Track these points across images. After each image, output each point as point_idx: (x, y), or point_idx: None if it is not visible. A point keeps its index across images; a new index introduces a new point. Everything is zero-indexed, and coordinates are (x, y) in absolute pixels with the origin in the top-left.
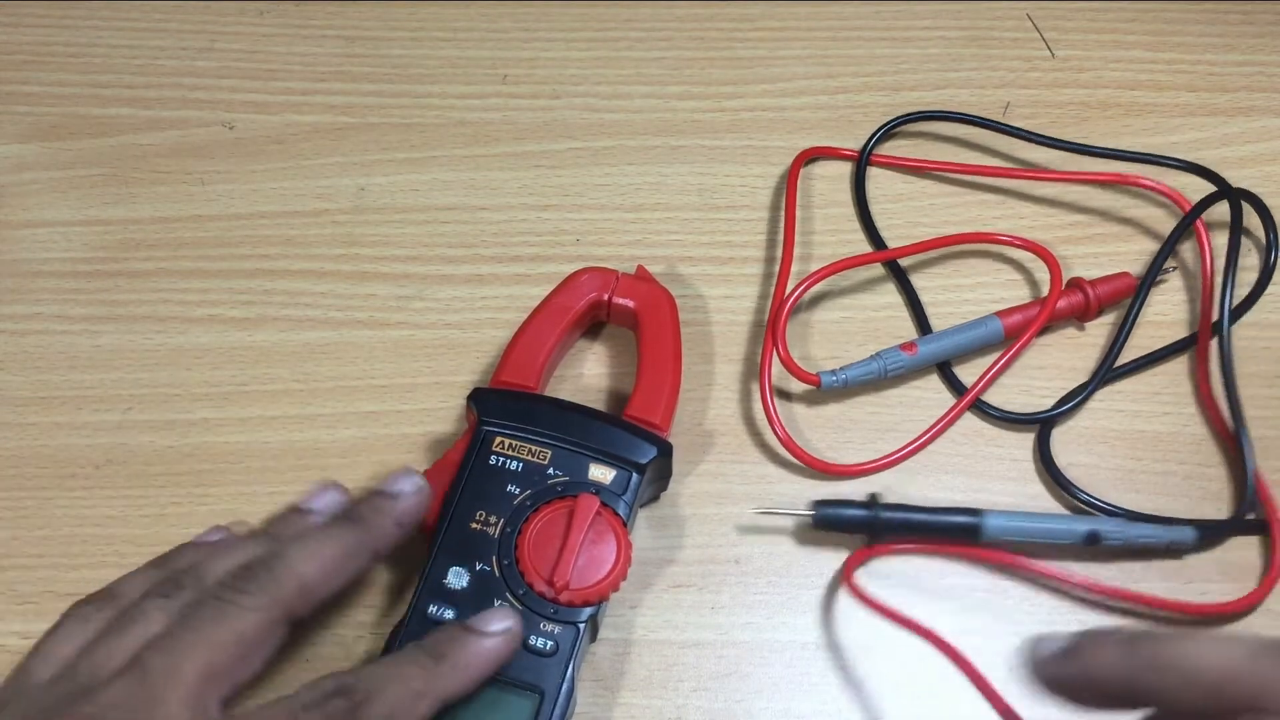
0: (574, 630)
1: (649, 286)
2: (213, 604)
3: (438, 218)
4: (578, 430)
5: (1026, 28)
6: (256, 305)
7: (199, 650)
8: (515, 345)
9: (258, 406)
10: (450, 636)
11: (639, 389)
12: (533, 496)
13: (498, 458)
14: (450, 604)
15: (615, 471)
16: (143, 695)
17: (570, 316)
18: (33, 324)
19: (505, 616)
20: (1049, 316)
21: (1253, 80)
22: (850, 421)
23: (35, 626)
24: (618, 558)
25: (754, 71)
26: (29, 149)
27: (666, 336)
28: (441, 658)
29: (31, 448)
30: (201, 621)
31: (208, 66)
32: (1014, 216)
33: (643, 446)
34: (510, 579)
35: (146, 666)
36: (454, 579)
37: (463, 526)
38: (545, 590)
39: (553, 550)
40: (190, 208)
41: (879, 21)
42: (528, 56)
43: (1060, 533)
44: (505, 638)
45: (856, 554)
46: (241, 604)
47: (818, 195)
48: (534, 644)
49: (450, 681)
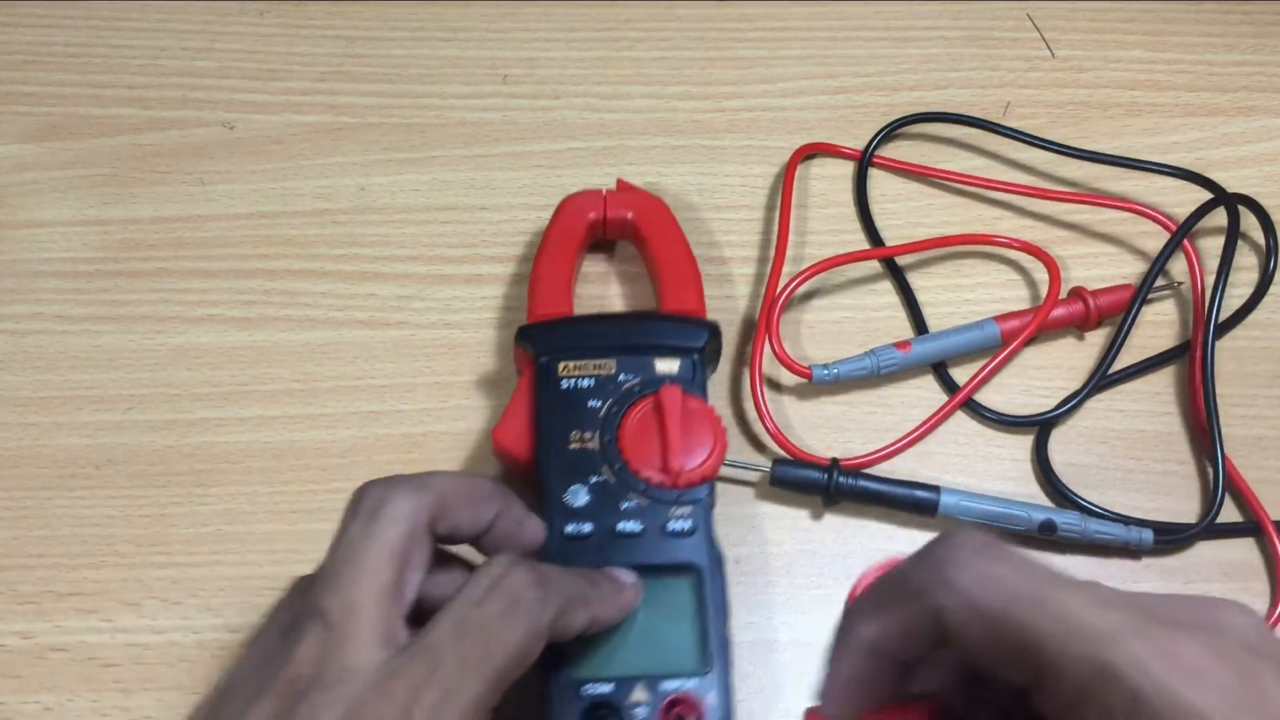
0: (701, 507)
1: (638, 195)
2: (358, 523)
3: (438, 218)
4: (631, 334)
5: (1026, 28)
6: (256, 305)
7: (364, 577)
8: (538, 281)
9: (258, 406)
10: (597, 573)
11: (666, 286)
12: (616, 403)
13: (568, 381)
14: (582, 519)
15: (679, 360)
16: (331, 640)
17: (576, 241)
18: (33, 324)
19: (629, 573)
20: (1044, 321)
21: (1253, 80)
22: (846, 420)
23: (35, 626)
24: (715, 432)
25: (754, 71)
26: (29, 149)
27: (672, 233)
28: (595, 583)
29: (31, 448)
30: (353, 547)
31: (208, 66)
32: (1013, 217)
33: (694, 331)
34: (627, 481)
35: (323, 609)
36: (574, 498)
37: (562, 450)
38: (664, 480)
39: (655, 444)
40: (190, 208)
41: (879, 21)
42: (528, 56)
43: (1015, 518)
44: (636, 590)
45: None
46: (384, 515)
47: (817, 195)
48: (673, 528)
49: (600, 606)
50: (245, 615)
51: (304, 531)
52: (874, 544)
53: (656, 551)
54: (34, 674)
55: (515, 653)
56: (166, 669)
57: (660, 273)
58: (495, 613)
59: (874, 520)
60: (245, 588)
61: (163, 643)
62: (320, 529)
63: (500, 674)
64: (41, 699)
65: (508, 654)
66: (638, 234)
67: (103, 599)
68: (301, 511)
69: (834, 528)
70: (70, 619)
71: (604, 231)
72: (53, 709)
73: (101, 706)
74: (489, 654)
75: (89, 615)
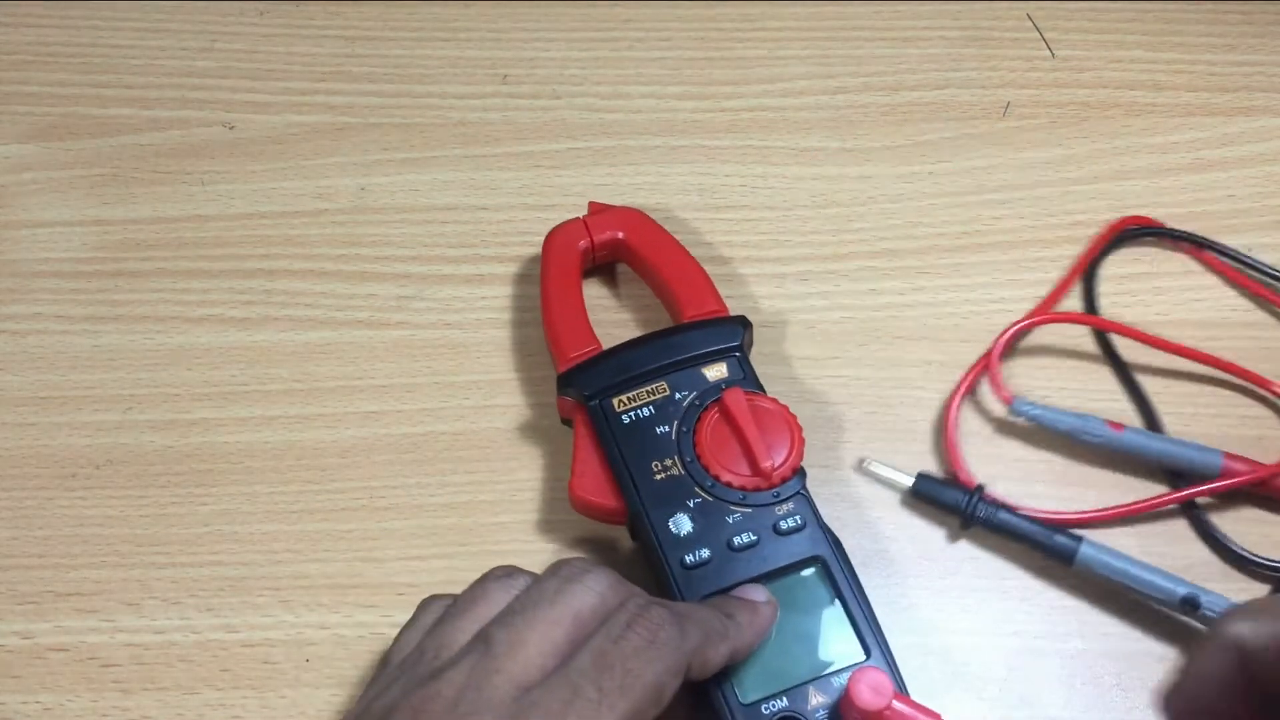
0: (802, 498)
1: (616, 212)
2: (556, 581)
3: (438, 218)
4: (670, 351)
5: (1026, 28)
6: (256, 305)
7: (540, 624)
8: (556, 326)
9: (258, 406)
10: (732, 602)
11: (679, 293)
12: (684, 422)
13: (628, 415)
14: (696, 546)
15: (725, 362)
16: (486, 666)
17: (575, 274)
18: (33, 324)
19: (761, 590)
20: (1271, 478)
21: (1253, 80)
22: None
23: (36, 626)
24: (788, 420)
25: (754, 71)
26: (29, 149)
27: (663, 241)
28: (731, 616)
29: (31, 448)
30: (543, 595)
31: (208, 66)
32: (1014, 216)
33: (729, 330)
34: (724, 495)
35: (490, 639)
36: (679, 527)
37: (650, 484)
38: (759, 484)
39: (736, 450)
40: (190, 208)
41: (879, 21)
42: (528, 56)
43: (1156, 586)
44: (772, 606)
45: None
46: (585, 583)
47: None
48: (784, 527)
49: (738, 637)
50: (245, 615)
51: (304, 531)
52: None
53: (777, 554)
54: (34, 674)
55: (652, 689)
56: (166, 669)
57: (669, 282)
58: (633, 648)
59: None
60: (245, 588)
61: (163, 643)
62: (320, 529)
63: (637, 707)
64: (41, 699)
65: (645, 689)
66: (630, 251)
67: (103, 599)
68: (301, 511)
69: (969, 555)
70: (70, 619)
71: (593, 258)
72: (53, 709)
73: (101, 706)
74: (626, 689)
75: (89, 615)
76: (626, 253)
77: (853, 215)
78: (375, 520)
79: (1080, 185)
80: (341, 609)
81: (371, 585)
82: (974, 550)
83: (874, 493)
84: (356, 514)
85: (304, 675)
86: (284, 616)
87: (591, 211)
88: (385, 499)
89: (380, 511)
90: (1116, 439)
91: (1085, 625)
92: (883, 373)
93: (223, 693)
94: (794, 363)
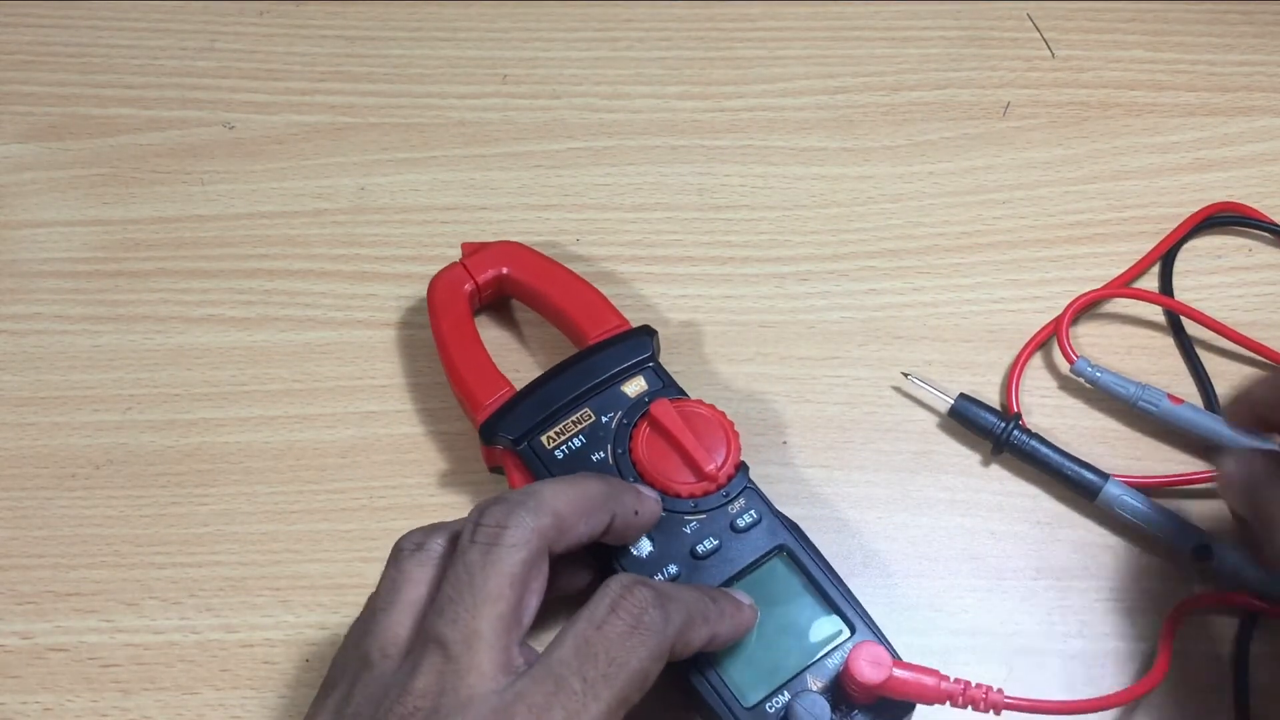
0: (752, 491)
1: (493, 249)
2: (477, 550)
3: (438, 218)
4: (585, 376)
5: (1026, 28)
6: (256, 305)
7: (484, 606)
8: (462, 377)
9: (258, 406)
10: (718, 590)
11: (576, 317)
12: (618, 443)
13: (560, 449)
14: (663, 563)
15: (641, 375)
16: (451, 671)
17: (468, 320)
18: (33, 324)
19: (742, 594)
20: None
21: (1253, 80)
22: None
23: (35, 626)
24: (719, 419)
25: (754, 71)
26: (29, 149)
27: (547, 268)
28: (715, 600)
29: (31, 448)
30: (471, 573)
31: (208, 66)
32: (1014, 216)
33: (637, 344)
34: (676, 506)
35: (444, 640)
36: (639, 550)
37: None
38: (706, 488)
39: (675, 459)
40: (190, 208)
41: (879, 21)
42: (528, 56)
43: (1171, 531)
44: (753, 609)
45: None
46: (507, 542)
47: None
48: (741, 524)
49: (719, 622)
50: (244, 615)
51: (304, 531)
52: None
53: (742, 553)
54: (34, 674)
55: (637, 675)
56: (166, 669)
57: (563, 308)
58: (617, 633)
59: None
60: (245, 588)
61: (162, 643)
62: (320, 529)
63: (623, 695)
64: (41, 699)
65: (630, 677)
66: (517, 284)
67: (102, 599)
68: (301, 511)
69: (970, 555)
70: (70, 619)
71: (479, 299)
72: (52, 709)
73: (101, 707)
74: (611, 675)
75: (89, 615)
76: (513, 286)
77: (853, 215)
78: (375, 520)
79: (1080, 185)
80: (341, 609)
81: (371, 585)
82: (974, 550)
83: (874, 494)
84: (356, 514)
85: (304, 675)
86: (284, 616)
87: (467, 252)
88: (385, 499)
89: (380, 511)
90: (1174, 412)
91: (1085, 626)
92: (883, 373)
93: (222, 693)
94: (794, 363)
